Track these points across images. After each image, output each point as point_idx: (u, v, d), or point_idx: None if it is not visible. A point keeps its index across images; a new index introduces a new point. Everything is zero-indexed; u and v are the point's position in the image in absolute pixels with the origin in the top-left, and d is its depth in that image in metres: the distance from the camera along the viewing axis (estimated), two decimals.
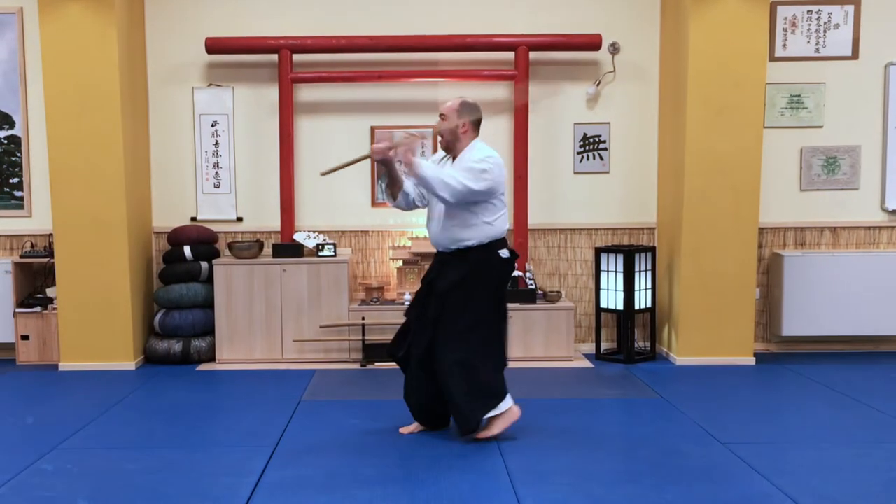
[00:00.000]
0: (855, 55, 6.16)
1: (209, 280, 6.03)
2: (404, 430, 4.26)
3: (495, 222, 4.08)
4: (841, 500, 3.34)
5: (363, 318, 5.91)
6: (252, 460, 3.84)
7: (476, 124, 4.11)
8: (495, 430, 4.07)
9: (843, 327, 6.11)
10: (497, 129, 6.20)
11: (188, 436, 4.29)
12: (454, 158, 4.09)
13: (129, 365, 5.81)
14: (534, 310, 5.94)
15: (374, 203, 6.36)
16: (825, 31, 6.15)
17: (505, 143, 6.20)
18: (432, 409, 4.22)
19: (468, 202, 3.97)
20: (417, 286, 6.01)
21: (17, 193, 6.24)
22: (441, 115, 4.09)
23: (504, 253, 4.12)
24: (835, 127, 6.20)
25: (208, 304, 6.03)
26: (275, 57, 6.10)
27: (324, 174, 4.34)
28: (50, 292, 6.04)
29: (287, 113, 6.09)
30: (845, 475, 3.64)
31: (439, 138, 4.14)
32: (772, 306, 6.28)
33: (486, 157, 3.99)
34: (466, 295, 4.02)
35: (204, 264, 6.05)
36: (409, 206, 4.27)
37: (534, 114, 6.23)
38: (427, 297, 4.14)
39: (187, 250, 6.00)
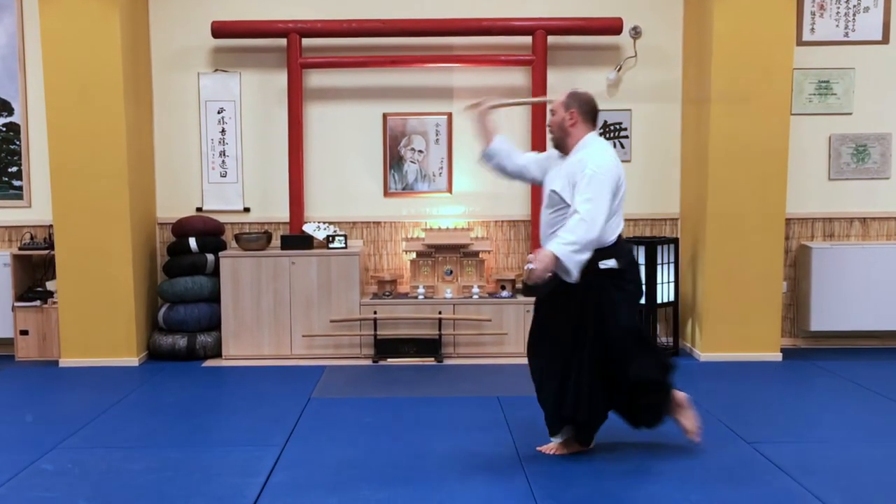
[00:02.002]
0: (885, 39, 6.05)
1: (215, 273, 5.94)
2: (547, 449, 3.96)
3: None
4: (871, 502, 3.30)
5: (375, 313, 5.81)
6: (259, 460, 3.81)
7: (588, 116, 3.73)
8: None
9: (873, 322, 6.01)
10: (514, 116, 6.11)
11: (193, 435, 4.25)
12: (566, 156, 3.76)
13: (133, 361, 5.74)
14: None
15: (386, 193, 6.24)
16: (854, 15, 6.03)
17: (522, 130, 6.11)
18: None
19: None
20: (432, 279, 5.96)
21: (16, 183, 6.15)
22: (551, 110, 3.79)
23: (606, 263, 3.65)
24: (865, 114, 6.09)
25: (214, 298, 5.93)
26: (283, 41, 6.00)
27: (494, 107, 3.98)
28: (50, 286, 5.97)
29: (296, 99, 5.98)
30: (875, 476, 3.59)
31: (550, 135, 3.83)
32: (799, 300, 6.16)
33: (600, 163, 3.57)
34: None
35: (210, 256, 5.96)
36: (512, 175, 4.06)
37: None
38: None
39: (192, 242, 5.90)
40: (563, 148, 3.77)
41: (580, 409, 3.71)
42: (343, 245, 5.89)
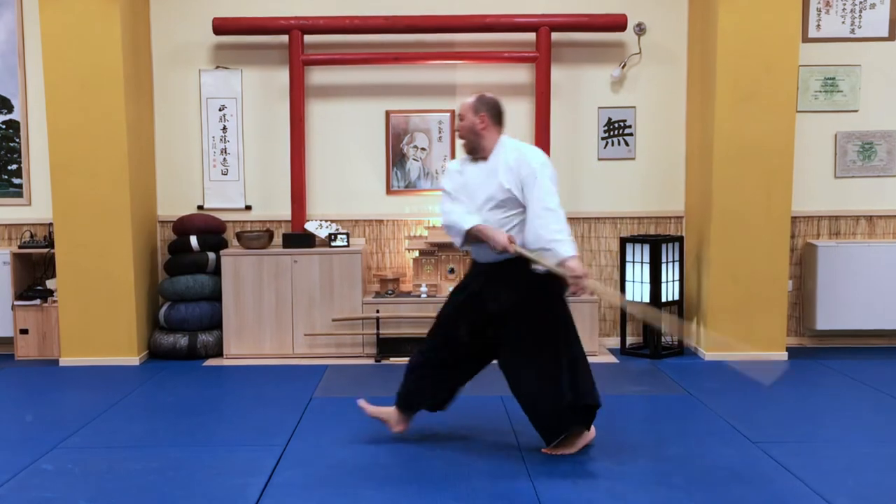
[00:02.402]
0: (892, 36, 6.01)
1: (216, 271, 5.91)
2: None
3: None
4: (878, 502, 3.26)
5: (378, 311, 5.77)
6: (261, 460, 3.78)
7: (497, 119, 3.80)
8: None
9: (879, 321, 5.97)
10: (518, 113, 6.06)
11: (194, 434, 4.21)
12: (484, 160, 3.77)
13: (133, 360, 5.70)
14: None
15: (388, 191, 6.21)
16: (861, 11, 5.99)
17: (526, 128, 6.07)
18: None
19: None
20: (435, 278, 5.92)
21: (16, 181, 6.12)
22: (459, 115, 3.81)
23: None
24: (871, 111, 6.05)
25: (216, 297, 5.90)
26: (285, 38, 5.96)
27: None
28: (50, 284, 5.94)
29: (298, 96, 5.94)
30: (882, 476, 3.56)
31: (461, 142, 3.83)
32: (805, 299, 6.13)
33: (540, 156, 3.69)
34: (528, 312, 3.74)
35: (211, 255, 5.92)
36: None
37: (556, 97, 6.07)
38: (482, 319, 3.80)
39: (194, 240, 5.87)
40: (477, 151, 3.78)
41: (582, 393, 3.71)
42: (345, 243, 5.85)
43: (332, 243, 5.85)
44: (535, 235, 3.57)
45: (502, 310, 3.71)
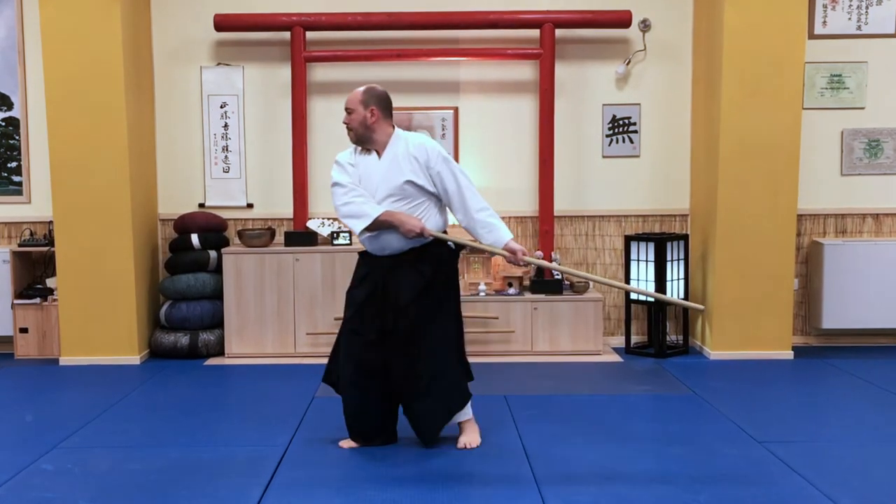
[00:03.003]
0: None
1: (218, 270, 5.86)
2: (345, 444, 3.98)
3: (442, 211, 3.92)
4: (883, 502, 3.23)
5: None
6: (263, 460, 3.74)
7: (387, 111, 3.80)
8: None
9: (886, 320, 5.93)
10: (521, 110, 6.05)
11: (195, 434, 4.17)
12: (377, 153, 3.79)
13: (134, 359, 5.66)
14: (560, 301, 5.77)
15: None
16: (867, 7, 5.94)
17: (530, 125, 6.04)
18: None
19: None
20: None
21: (16, 178, 6.08)
22: (346, 109, 3.78)
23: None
24: (878, 108, 6.00)
25: (217, 296, 5.85)
26: (287, 34, 5.91)
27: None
28: (50, 283, 5.89)
29: (300, 93, 5.90)
30: (887, 475, 3.54)
31: (350, 133, 3.80)
32: (811, 297, 6.08)
33: (438, 148, 3.78)
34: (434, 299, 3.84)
35: (212, 253, 5.87)
36: None
37: (560, 95, 6.02)
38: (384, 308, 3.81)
39: (195, 238, 5.82)
40: (368, 143, 3.79)
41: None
42: (348, 241, 5.80)
43: (335, 241, 5.80)
44: (483, 238, 3.77)
45: (410, 299, 3.75)
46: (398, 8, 5.89)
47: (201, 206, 6.13)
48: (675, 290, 5.78)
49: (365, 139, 3.79)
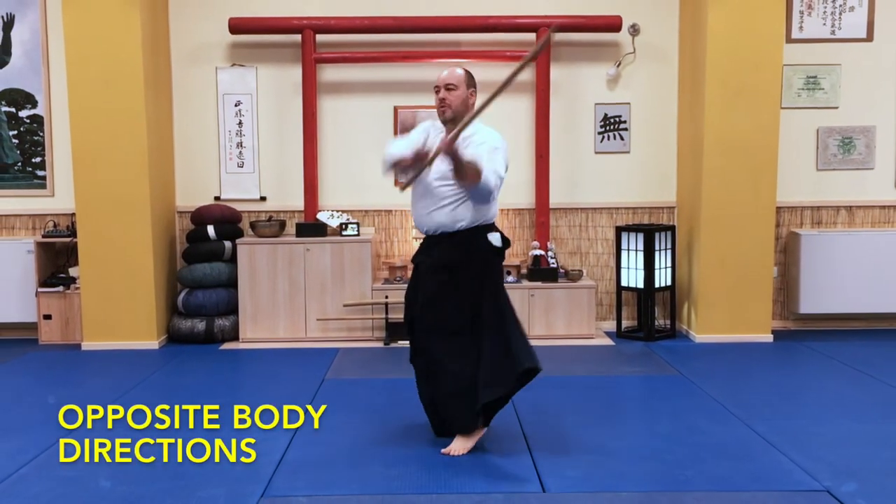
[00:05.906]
0: (870, 37, 5.84)
1: (233, 259, 5.68)
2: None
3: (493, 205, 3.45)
4: (858, 475, 3.18)
5: (387, 297, 5.55)
6: (274, 439, 3.56)
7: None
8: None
9: (858, 304, 5.82)
10: (519, 109, 5.89)
11: (211, 414, 3.91)
12: (451, 133, 3.21)
13: (153, 344, 5.47)
14: (556, 288, 5.62)
15: (397, 182, 5.88)
16: (840, 14, 5.82)
17: (526, 123, 5.89)
18: None
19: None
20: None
21: (40, 173, 5.86)
22: (449, 85, 3.35)
23: (494, 237, 3.44)
24: (850, 107, 5.88)
25: (232, 284, 5.67)
26: (298, 37, 5.73)
27: (404, 188, 3.45)
28: (72, 272, 5.69)
29: (310, 93, 5.72)
30: (862, 450, 3.48)
31: (446, 111, 3.37)
32: (789, 284, 5.96)
33: (495, 136, 3.36)
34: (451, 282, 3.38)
35: (227, 244, 5.68)
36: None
37: (555, 94, 5.87)
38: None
39: (211, 230, 5.63)
40: (455, 124, 3.29)
41: (498, 384, 3.35)
42: (356, 232, 5.64)
43: (343, 232, 5.64)
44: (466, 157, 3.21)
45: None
46: (404, 13, 5.75)
47: (217, 198, 5.94)
48: (662, 278, 5.64)
49: (458, 119, 3.31)
